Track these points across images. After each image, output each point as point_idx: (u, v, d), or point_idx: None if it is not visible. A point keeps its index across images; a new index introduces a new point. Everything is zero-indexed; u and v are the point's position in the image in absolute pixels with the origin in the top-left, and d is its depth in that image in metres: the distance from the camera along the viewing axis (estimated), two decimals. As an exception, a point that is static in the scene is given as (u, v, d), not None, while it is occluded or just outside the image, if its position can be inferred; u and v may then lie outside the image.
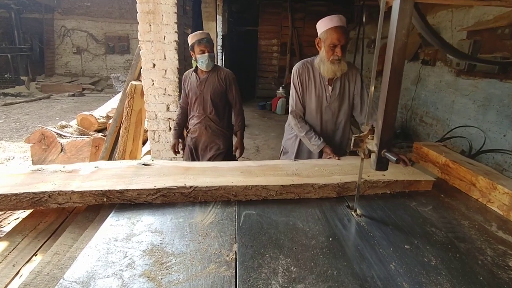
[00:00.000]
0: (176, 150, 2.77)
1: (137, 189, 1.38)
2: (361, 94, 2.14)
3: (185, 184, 1.42)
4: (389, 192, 1.56)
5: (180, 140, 2.82)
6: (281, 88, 8.83)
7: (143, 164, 1.68)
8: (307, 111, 2.18)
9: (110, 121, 3.91)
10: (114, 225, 1.25)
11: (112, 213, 1.34)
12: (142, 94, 3.24)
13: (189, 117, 2.78)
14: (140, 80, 3.27)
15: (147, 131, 3.63)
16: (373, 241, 1.20)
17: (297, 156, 2.28)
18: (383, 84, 1.08)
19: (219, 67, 2.72)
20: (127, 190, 1.38)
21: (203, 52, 2.51)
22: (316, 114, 2.17)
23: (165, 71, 3.13)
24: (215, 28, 6.39)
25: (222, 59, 7.78)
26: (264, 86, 10.08)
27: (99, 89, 12.72)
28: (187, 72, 2.73)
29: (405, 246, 1.18)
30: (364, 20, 6.44)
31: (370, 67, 7.43)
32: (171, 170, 1.61)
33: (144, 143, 4.07)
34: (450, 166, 1.79)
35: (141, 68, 3.14)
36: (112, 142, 3.54)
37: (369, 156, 1.27)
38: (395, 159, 1.03)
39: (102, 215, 1.39)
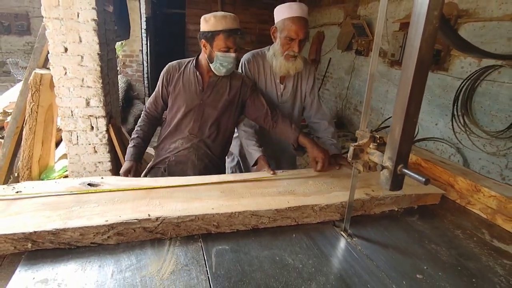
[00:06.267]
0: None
1: (80, 227, 0.96)
2: (311, 92, 1.93)
3: (149, 215, 1.04)
4: (396, 209, 1.37)
5: (137, 163, 1.73)
6: (212, 76, 8.36)
7: (88, 184, 1.25)
8: None
9: (8, 119, 3.12)
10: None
11: (18, 270, 0.89)
12: (51, 85, 2.58)
13: (164, 135, 1.79)
14: (48, 68, 2.60)
15: (60, 130, 2.96)
16: (381, 274, 0.98)
17: (242, 159, 2.01)
18: (402, 81, 0.84)
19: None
20: (64, 230, 0.95)
21: (228, 50, 1.59)
22: None
23: (82, 57, 2.52)
24: (139, 8, 5.64)
25: (147, 44, 6.99)
26: (194, 75, 9.46)
27: (-7, 76, 10.62)
28: (177, 63, 1.78)
29: (417, 276, 0.99)
30: (297, 8, 6.34)
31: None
32: (128, 192, 1.22)
33: (57, 144, 3.35)
34: (422, 165, 1.68)
35: (48, 52, 2.47)
36: (13, 146, 2.80)
37: (369, 170, 1.03)
38: (423, 179, 0.81)
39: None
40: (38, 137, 2.70)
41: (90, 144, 2.76)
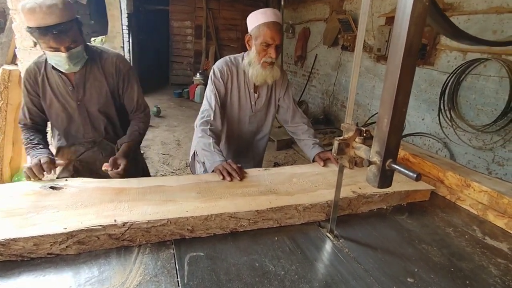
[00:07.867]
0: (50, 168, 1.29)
1: (33, 236, 0.86)
2: (285, 96, 1.85)
3: (115, 220, 0.94)
4: (385, 207, 1.29)
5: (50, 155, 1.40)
6: (198, 74, 8.22)
7: (51, 187, 1.14)
8: (227, 120, 1.79)
9: (-22, 119, 2.93)
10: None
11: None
12: (21, 82, 2.43)
13: (59, 146, 1.61)
14: (16, 64, 2.44)
15: (34, 130, 2.80)
16: (370, 279, 0.90)
17: None
18: (390, 68, 0.76)
19: (96, 50, 1.51)
20: (15, 240, 0.84)
21: (58, 49, 1.31)
22: (238, 125, 1.83)
23: (53, 52, 2.37)
24: (119, 3, 5.46)
25: (129, 41, 6.80)
26: (179, 72, 9.29)
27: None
28: (34, 65, 1.47)
29: (408, 280, 0.91)
30: (282, 3, 6.27)
31: (288, 53, 7.37)
32: (94, 195, 1.11)
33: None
34: (410, 161, 1.62)
35: (15, 47, 2.32)
36: (-19, 148, 2.63)
37: (355, 166, 0.95)
38: (414, 175, 0.73)
39: None
40: (8, 138, 2.54)
41: (65, 144, 2.61)
